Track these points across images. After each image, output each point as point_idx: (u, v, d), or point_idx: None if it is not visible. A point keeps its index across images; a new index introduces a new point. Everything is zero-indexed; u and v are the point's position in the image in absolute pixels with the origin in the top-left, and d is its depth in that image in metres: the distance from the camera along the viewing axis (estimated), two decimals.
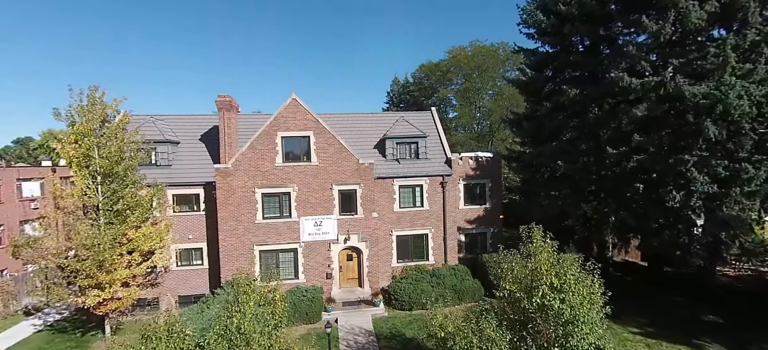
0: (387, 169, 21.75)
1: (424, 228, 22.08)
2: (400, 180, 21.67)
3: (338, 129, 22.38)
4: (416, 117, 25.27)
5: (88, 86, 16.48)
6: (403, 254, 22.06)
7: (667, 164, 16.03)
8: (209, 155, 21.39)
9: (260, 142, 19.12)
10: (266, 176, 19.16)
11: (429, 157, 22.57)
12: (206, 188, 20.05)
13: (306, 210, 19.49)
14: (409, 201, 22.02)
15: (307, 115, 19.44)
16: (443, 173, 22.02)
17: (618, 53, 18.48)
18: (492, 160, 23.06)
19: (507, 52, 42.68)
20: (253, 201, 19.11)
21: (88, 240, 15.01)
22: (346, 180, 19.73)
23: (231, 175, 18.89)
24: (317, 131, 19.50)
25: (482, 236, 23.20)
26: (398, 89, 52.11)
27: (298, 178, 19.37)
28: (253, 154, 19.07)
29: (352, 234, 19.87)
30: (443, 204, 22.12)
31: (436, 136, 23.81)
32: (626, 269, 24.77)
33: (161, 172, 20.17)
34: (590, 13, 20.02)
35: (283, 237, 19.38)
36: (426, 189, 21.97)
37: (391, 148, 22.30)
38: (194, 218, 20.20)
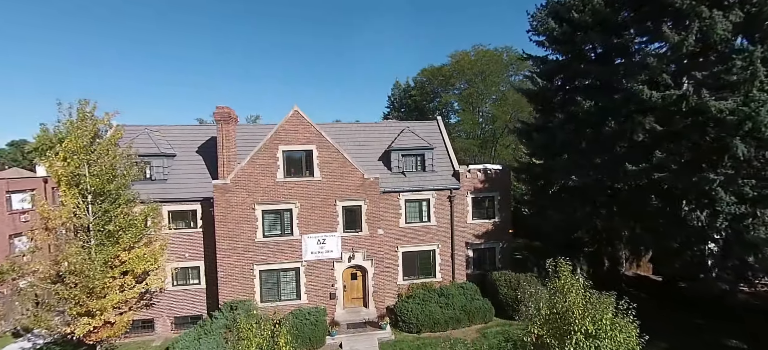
0: (392, 182, 20.86)
1: (430, 243, 21.21)
2: (406, 194, 20.78)
3: (340, 140, 21.52)
4: (421, 127, 24.40)
5: (77, 100, 15.58)
6: (409, 271, 21.18)
7: (690, 182, 15.21)
8: (207, 169, 20.46)
9: (260, 156, 18.21)
10: (267, 192, 18.25)
11: (436, 170, 21.71)
12: (203, 204, 19.13)
13: (308, 227, 18.59)
14: (416, 216, 21.15)
15: (309, 128, 18.54)
16: (451, 187, 21.15)
17: (636, 64, 17.67)
18: (501, 173, 22.22)
19: (511, 56, 41.92)
20: (252, 219, 18.19)
21: (77, 265, 14.06)
22: (351, 196, 18.84)
23: (230, 191, 17.97)
24: (320, 145, 18.61)
25: (491, 251, 22.36)
26: (399, 94, 51.25)
27: (300, 194, 18.47)
28: (253, 169, 18.16)
29: (357, 252, 18.98)
30: (451, 219, 21.26)
31: (443, 148, 22.94)
32: (639, 284, 23.93)
33: (156, 187, 19.25)
34: (605, 21, 19.24)
35: (285, 256, 18.47)
36: (433, 203, 21.10)
37: (397, 161, 21.43)
38: (191, 235, 19.26)
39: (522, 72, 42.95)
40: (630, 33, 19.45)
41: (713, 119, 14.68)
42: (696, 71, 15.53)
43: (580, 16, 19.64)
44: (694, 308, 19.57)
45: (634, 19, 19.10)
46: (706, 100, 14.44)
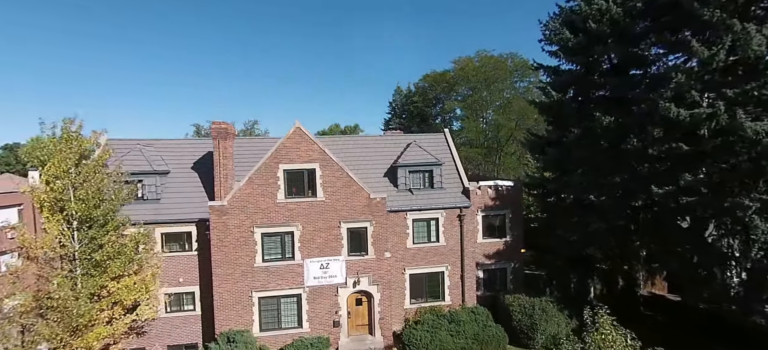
0: (399, 201, 19.76)
1: (439, 265, 20.11)
2: (413, 213, 19.69)
3: (343, 155, 20.42)
4: (428, 140, 23.30)
5: (62, 118, 14.40)
6: (416, 293, 20.08)
7: (722, 207, 14.19)
8: (203, 187, 19.30)
9: (260, 175, 17.08)
10: (266, 214, 17.12)
11: (444, 187, 20.62)
12: (199, 225, 17.97)
13: (311, 251, 17.47)
14: (424, 236, 20.05)
15: (312, 146, 17.42)
16: (461, 205, 20.06)
17: (659, 78, 16.68)
18: (512, 189, 21.16)
19: (516, 63, 40.96)
20: (251, 242, 17.05)
21: (59, 301, 12.87)
22: (356, 217, 17.73)
23: (227, 213, 16.83)
24: (323, 163, 17.49)
25: (502, 272, 21.31)
26: (401, 99, 50.19)
27: (302, 216, 17.34)
28: (252, 189, 17.02)
29: (362, 276, 17.87)
30: (461, 239, 20.17)
31: (452, 163, 21.85)
32: (656, 305, 22.88)
33: (149, 208, 18.08)
34: (624, 32, 18.25)
35: (286, 282, 17.34)
36: (442, 222, 20.00)
37: (403, 177, 20.33)
38: (185, 259, 18.09)
39: (527, 78, 42.12)
40: (649, 44, 18.53)
41: (748, 141, 13.66)
42: (727, 88, 14.50)
43: (597, 26, 18.63)
44: (717, 333, 18.53)
45: (654, 30, 18.15)
46: (741, 120, 13.40)
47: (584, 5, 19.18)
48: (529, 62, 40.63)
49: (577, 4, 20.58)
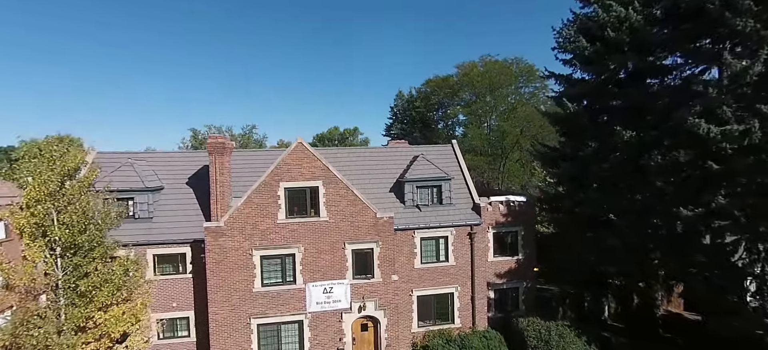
0: (406, 218, 18.69)
1: (449, 286, 19.05)
2: (421, 231, 18.62)
3: (346, 169, 19.39)
4: (435, 152, 22.24)
5: (46, 136, 13.28)
6: (424, 315, 19.01)
7: (758, 232, 13.20)
8: (198, 204, 18.17)
9: (259, 194, 15.98)
10: (266, 235, 16.02)
11: (454, 203, 19.56)
12: (194, 246, 16.86)
13: (313, 274, 16.38)
14: (432, 256, 18.99)
15: (315, 162, 16.34)
16: (471, 222, 19.01)
17: (684, 91, 15.69)
18: (525, 205, 20.14)
19: (521, 68, 39.99)
20: (250, 266, 15.95)
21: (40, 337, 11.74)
22: (362, 238, 16.66)
23: (224, 234, 15.72)
24: (327, 180, 16.41)
25: (514, 291, 20.28)
26: (402, 104, 49.15)
27: (304, 237, 16.26)
28: (251, 209, 15.92)
29: (368, 300, 16.80)
30: (471, 258, 19.11)
31: (461, 177, 20.80)
32: (674, 325, 21.80)
33: (140, 227, 16.96)
34: (645, 41, 17.25)
35: (286, 308, 16.24)
36: (451, 241, 18.95)
37: (411, 193, 19.25)
38: (179, 282, 16.99)
39: (533, 84, 41.15)
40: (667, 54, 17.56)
41: None
42: (761, 104, 13.51)
43: (616, 34, 17.64)
44: None
45: (675, 39, 17.18)
46: None
47: (602, 12, 18.18)
48: (534, 67, 40.09)
49: (593, 11, 19.64)
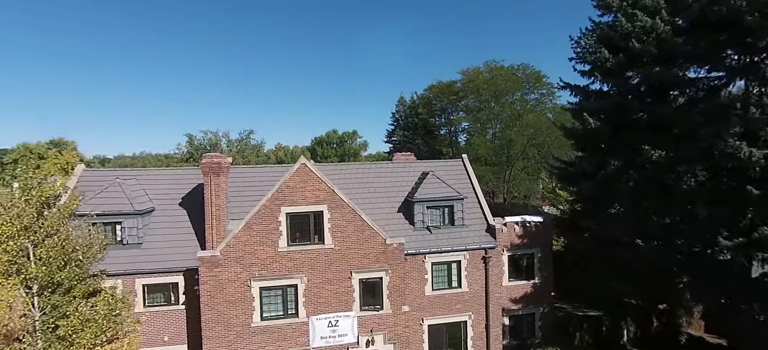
0: (416, 241, 17.41)
1: (462, 313, 17.79)
2: (433, 255, 17.35)
3: (350, 187, 18.15)
4: (445, 168, 20.95)
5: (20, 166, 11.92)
6: (436, 346, 17.71)
7: None
8: (192, 227, 16.82)
9: (258, 220, 14.66)
10: (266, 265, 14.70)
11: (467, 224, 18.30)
12: (187, 275, 15.51)
13: (317, 306, 15.07)
14: (444, 282, 17.73)
15: (319, 185, 15.03)
16: (485, 245, 17.76)
17: (719, 108, 14.50)
18: (541, 226, 18.89)
19: (527, 74, 38.81)
20: (248, 298, 14.62)
21: None
22: (370, 266, 15.37)
23: (219, 265, 14.38)
24: (333, 204, 15.11)
25: (530, 317, 19.03)
26: (405, 110, 47.88)
27: (307, 266, 14.95)
28: (249, 236, 14.59)
29: (377, 334, 15.50)
30: (486, 284, 17.86)
31: (473, 195, 19.54)
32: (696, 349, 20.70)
33: (128, 255, 15.59)
34: (674, 54, 16.06)
35: (288, 343, 14.91)
36: (464, 266, 17.69)
37: (421, 214, 17.98)
38: (171, 313, 15.63)
39: (539, 90, 39.98)
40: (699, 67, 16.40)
41: None
42: None
43: (642, 46, 16.45)
44: None
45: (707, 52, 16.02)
46: None
47: (626, 22, 17.00)
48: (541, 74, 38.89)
49: (613, 20, 18.50)
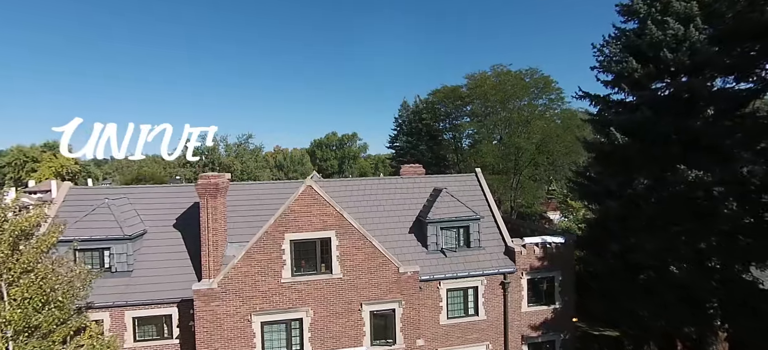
0: (430, 266, 16.14)
1: (478, 343, 16.51)
2: (448, 281, 16.08)
3: (357, 207, 16.89)
4: (457, 183, 19.66)
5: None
6: None
7: None
8: (187, 253, 15.49)
9: (260, 248, 13.34)
10: (268, 297, 13.39)
11: (483, 246, 17.04)
12: (182, 306, 14.17)
13: (324, 342, 13.76)
14: (460, 309, 16.46)
15: (326, 209, 13.72)
16: (504, 269, 16.51)
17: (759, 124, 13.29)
18: (563, 247, 17.64)
19: (535, 79, 37.58)
20: (248, 335, 13.30)
21: None
22: (382, 297, 14.09)
23: (217, 298, 13.07)
24: (341, 230, 13.81)
25: (550, 345, 17.77)
26: (408, 115, 46.58)
27: (313, 298, 13.65)
28: (250, 266, 13.28)
29: None
30: (505, 311, 16.61)
31: (489, 213, 18.28)
32: None
33: (117, 284, 14.27)
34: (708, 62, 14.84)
35: None
36: (482, 292, 16.42)
37: (434, 236, 16.70)
38: (164, 349, 14.30)
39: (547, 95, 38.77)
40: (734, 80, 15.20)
41: None
42: None
43: (675, 56, 15.22)
44: None
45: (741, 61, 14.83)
46: None
47: (656, 30, 15.75)
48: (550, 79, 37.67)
49: (638, 26, 17.29)
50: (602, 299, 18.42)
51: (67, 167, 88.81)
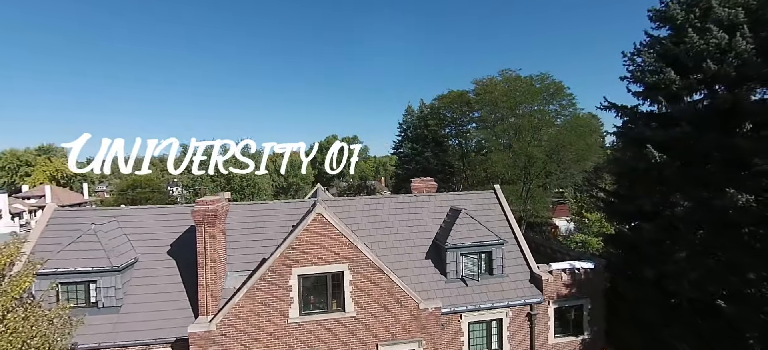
0: (451, 296, 14.72)
1: None
2: (470, 314, 14.65)
3: (367, 227, 15.53)
4: (475, 202, 18.24)
5: None
6: None
7: None
8: (182, 284, 14.02)
9: (263, 286, 11.88)
10: (273, 340, 11.93)
11: (506, 273, 15.64)
12: (177, 347, 12.71)
13: None
14: (482, 344, 15.03)
15: (339, 239, 12.26)
16: (531, 299, 15.11)
17: None
18: (592, 273, 16.27)
19: (546, 85, 36.18)
20: None
21: None
22: (400, 337, 12.64)
23: (215, 342, 11.60)
24: (355, 263, 12.36)
25: None
26: (412, 121, 45.16)
27: (324, 340, 12.19)
28: (253, 305, 11.82)
29: None
30: (531, 345, 15.21)
31: (511, 235, 16.87)
32: None
33: (104, 321, 12.84)
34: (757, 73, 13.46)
35: None
36: (507, 324, 15.01)
37: (454, 262, 15.27)
38: None
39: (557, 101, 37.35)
40: None
41: None
42: None
43: (719, 67, 13.85)
44: None
45: None
46: None
47: (696, 37, 14.38)
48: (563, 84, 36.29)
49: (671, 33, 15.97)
50: (636, 329, 17.02)
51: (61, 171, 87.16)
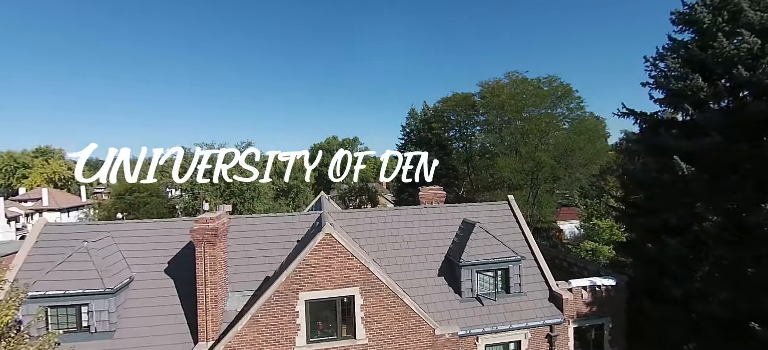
0: (466, 317, 13.86)
1: None
2: (487, 336, 13.80)
3: (375, 241, 14.73)
4: (488, 214, 17.39)
5: None
6: None
7: None
8: (181, 306, 13.13)
9: (268, 312, 11.02)
10: None
11: (524, 291, 14.80)
12: None
13: None
14: None
15: (349, 261, 11.41)
16: (551, 320, 14.28)
17: None
18: (613, 290, 15.44)
19: (554, 88, 35.39)
20: None
21: None
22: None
23: None
24: (367, 286, 11.51)
25: None
26: (416, 124, 44.31)
27: None
28: (257, 333, 10.96)
29: None
30: None
31: (527, 250, 16.03)
32: None
33: (97, 347, 11.95)
34: None
35: None
36: (525, 346, 14.17)
37: (469, 281, 14.42)
38: None
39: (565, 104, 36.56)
40: None
41: None
42: None
43: (751, 74, 13.02)
44: None
45: None
46: None
47: (726, 42, 13.56)
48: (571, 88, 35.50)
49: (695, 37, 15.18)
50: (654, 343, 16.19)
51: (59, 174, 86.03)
